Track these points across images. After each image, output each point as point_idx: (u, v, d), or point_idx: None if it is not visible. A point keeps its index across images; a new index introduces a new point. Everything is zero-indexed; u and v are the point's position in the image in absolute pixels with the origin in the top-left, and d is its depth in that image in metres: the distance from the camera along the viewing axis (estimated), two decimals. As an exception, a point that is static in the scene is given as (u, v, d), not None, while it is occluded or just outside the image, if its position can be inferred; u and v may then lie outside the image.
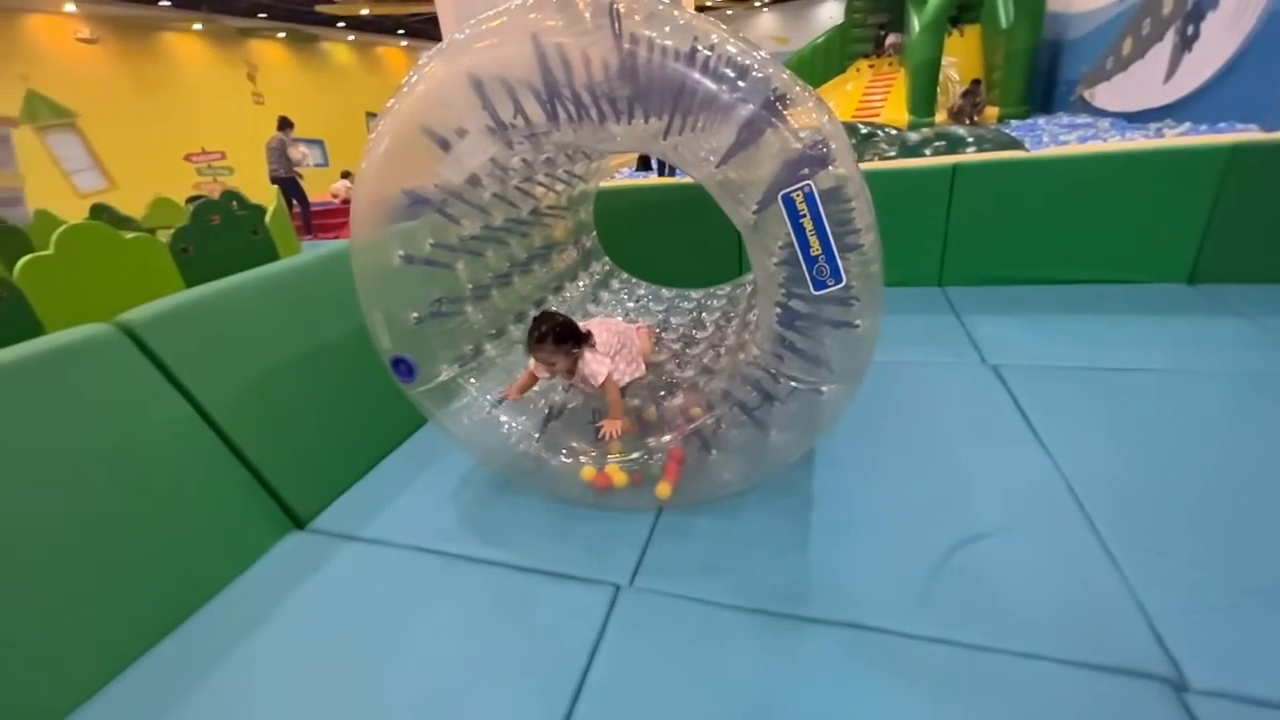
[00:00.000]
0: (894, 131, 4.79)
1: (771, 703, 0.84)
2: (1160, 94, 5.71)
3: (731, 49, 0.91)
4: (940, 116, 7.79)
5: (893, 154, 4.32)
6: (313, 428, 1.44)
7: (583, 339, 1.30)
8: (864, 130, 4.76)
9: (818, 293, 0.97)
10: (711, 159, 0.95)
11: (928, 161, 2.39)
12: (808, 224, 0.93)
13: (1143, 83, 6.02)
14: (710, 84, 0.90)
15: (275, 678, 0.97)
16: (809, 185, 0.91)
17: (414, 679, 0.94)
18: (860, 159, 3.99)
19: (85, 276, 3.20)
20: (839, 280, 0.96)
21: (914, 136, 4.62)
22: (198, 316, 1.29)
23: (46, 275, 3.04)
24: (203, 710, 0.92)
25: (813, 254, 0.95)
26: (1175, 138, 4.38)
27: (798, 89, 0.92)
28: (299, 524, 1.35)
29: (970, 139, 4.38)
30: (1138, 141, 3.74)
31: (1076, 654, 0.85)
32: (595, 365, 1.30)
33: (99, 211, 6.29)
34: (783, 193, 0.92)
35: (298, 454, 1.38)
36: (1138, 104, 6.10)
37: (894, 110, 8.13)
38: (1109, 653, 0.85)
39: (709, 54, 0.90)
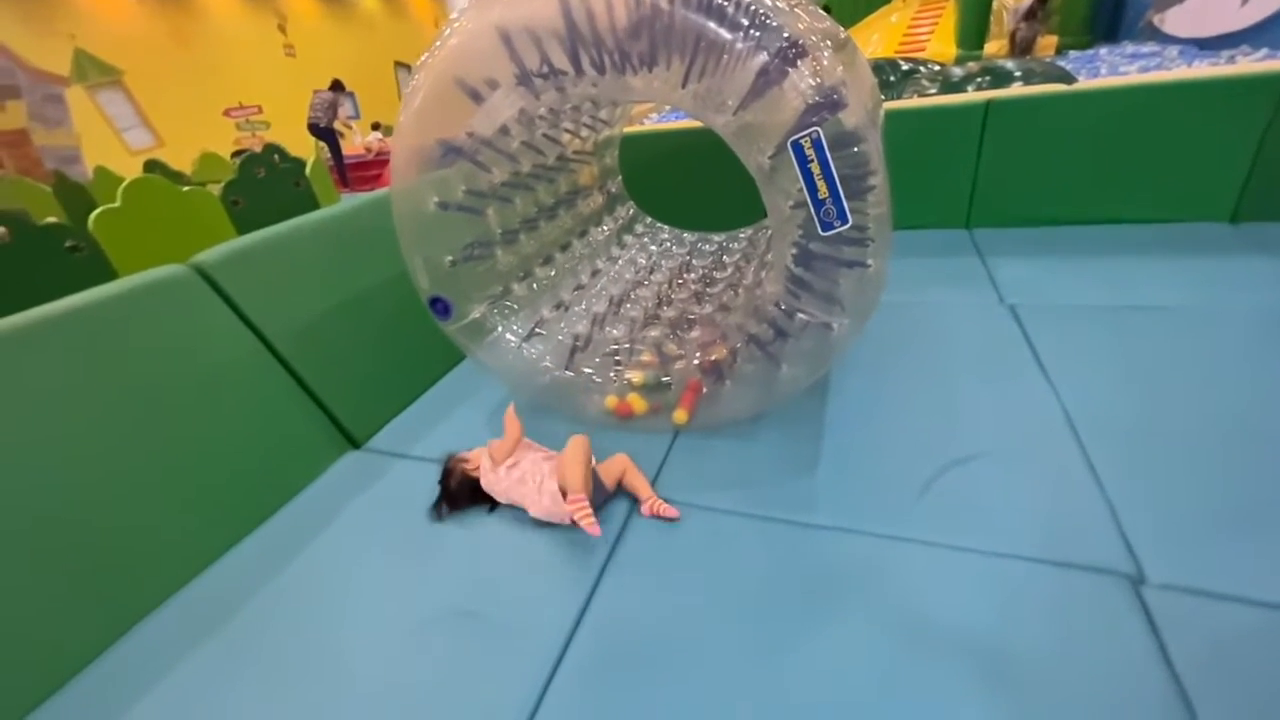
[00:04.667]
0: (936, 67, 4.55)
1: (769, 587, 0.96)
2: (1237, 18, 5.22)
3: None
4: (994, 46, 7.26)
5: (933, 91, 4.12)
6: (365, 360, 1.58)
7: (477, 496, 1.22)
8: (905, 67, 4.54)
9: (825, 234, 1.03)
10: (730, 104, 1.00)
11: (959, 98, 2.32)
12: (815, 168, 0.97)
13: (1218, 5, 5.51)
14: (726, 33, 0.94)
15: (340, 569, 1.13)
16: (816, 131, 0.95)
17: (456, 570, 1.09)
18: (899, 97, 3.84)
19: (149, 227, 3.42)
20: (845, 222, 1.01)
21: (958, 72, 4.37)
22: (261, 258, 1.43)
23: (116, 226, 3.27)
24: (282, 594, 1.09)
25: (820, 197, 1.00)
26: (1223, 66, 4.02)
27: (814, 36, 0.95)
28: (355, 444, 1.51)
29: (1018, 73, 4.14)
30: (1181, 70, 3.43)
31: (1046, 553, 0.94)
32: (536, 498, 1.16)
33: (151, 167, 6.57)
34: (792, 139, 0.97)
35: (353, 383, 1.53)
36: (1212, 29, 5.59)
37: (941, 43, 7.61)
38: (1077, 552, 0.93)
39: (724, 2, 0.94)
